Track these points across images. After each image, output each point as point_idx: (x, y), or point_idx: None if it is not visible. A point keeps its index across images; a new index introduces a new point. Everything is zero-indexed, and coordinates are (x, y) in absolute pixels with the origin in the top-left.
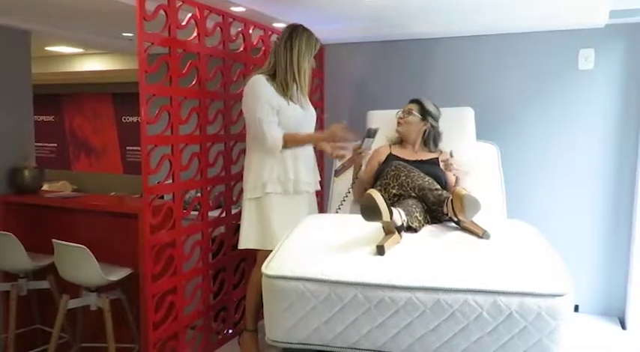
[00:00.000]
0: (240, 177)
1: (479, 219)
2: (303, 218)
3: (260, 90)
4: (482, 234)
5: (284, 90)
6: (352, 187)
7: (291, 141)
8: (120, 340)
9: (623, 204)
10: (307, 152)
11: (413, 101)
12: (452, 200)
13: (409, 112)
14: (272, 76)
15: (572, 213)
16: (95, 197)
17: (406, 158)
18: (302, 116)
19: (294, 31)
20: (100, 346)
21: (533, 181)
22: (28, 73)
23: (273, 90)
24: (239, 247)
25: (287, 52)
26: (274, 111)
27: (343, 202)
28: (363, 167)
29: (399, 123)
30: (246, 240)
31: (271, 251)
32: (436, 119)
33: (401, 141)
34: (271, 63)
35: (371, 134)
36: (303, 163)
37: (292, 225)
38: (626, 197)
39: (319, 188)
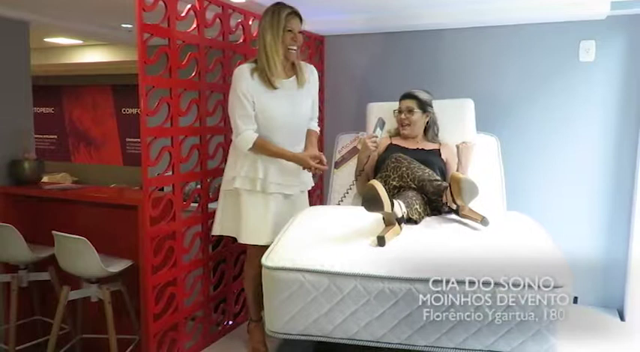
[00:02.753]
0: None
1: (478, 210)
2: (272, 219)
3: (239, 82)
4: (480, 220)
5: (261, 77)
6: (356, 180)
7: (261, 148)
8: (120, 331)
9: (622, 197)
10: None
11: (408, 97)
12: (450, 185)
13: (410, 111)
14: (255, 64)
15: (571, 205)
16: (95, 188)
17: (407, 147)
18: (287, 112)
19: (265, 12)
20: (100, 337)
21: (533, 173)
22: (27, 65)
23: (255, 81)
24: (212, 233)
25: (259, 37)
26: (251, 105)
27: (345, 196)
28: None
29: (403, 125)
30: (219, 227)
31: (259, 245)
32: (432, 105)
33: (401, 133)
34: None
35: (382, 125)
36: (275, 164)
37: (261, 223)
38: (626, 190)
39: (309, 187)
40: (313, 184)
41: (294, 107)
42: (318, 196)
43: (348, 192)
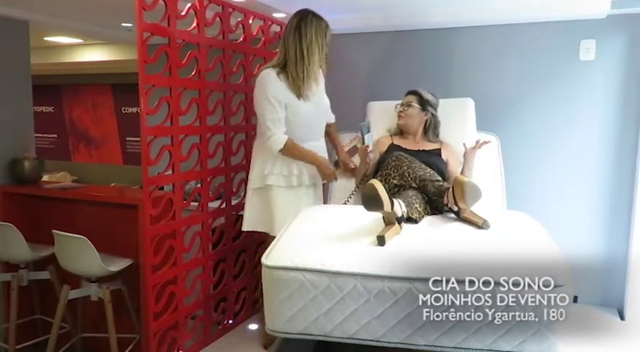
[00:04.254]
0: (240, 168)
1: (478, 209)
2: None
3: (267, 85)
4: (481, 224)
5: (295, 84)
6: (357, 189)
7: (291, 150)
8: (121, 330)
9: (622, 195)
10: (317, 144)
11: (411, 93)
12: (452, 188)
13: (409, 105)
14: (283, 69)
15: (571, 204)
16: (95, 188)
17: (408, 148)
18: (312, 111)
19: (303, 19)
20: (100, 336)
21: (533, 172)
22: (27, 64)
23: (282, 85)
24: (243, 229)
25: (296, 43)
26: (282, 107)
27: (349, 199)
28: (372, 156)
29: (399, 116)
30: (251, 223)
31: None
32: (435, 108)
33: (402, 132)
34: (281, 55)
35: (366, 130)
36: None
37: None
38: (626, 188)
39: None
40: None
41: (316, 104)
42: None
43: (351, 197)
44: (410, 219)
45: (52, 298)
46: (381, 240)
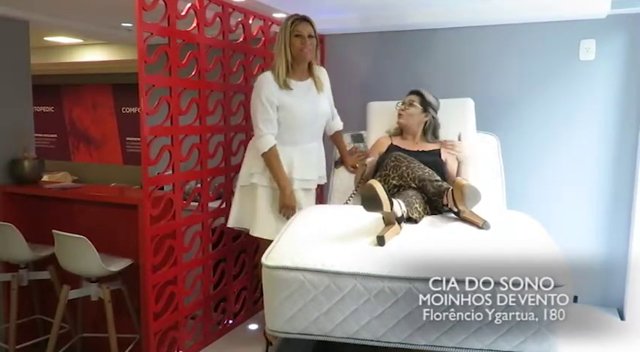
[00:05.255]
0: (240, 168)
1: (478, 210)
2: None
3: (262, 87)
4: (482, 225)
5: (279, 81)
6: (356, 189)
7: (270, 158)
8: (121, 330)
9: (622, 196)
10: (310, 147)
11: (413, 92)
12: (452, 190)
13: (410, 104)
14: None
15: (571, 204)
16: (95, 188)
17: (407, 148)
18: (308, 112)
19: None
20: (101, 336)
21: (533, 172)
22: (27, 64)
23: (275, 86)
24: (227, 225)
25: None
26: (274, 109)
27: (349, 201)
28: (370, 159)
29: (400, 114)
30: (235, 219)
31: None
32: (436, 110)
33: (401, 132)
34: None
35: (358, 140)
36: (301, 161)
37: (275, 218)
38: (626, 188)
39: (324, 181)
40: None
41: (314, 107)
42: (317, 195)
43: (351, 199)
44: (410, 219)
45: (52, 298)
46: (380, 240)
